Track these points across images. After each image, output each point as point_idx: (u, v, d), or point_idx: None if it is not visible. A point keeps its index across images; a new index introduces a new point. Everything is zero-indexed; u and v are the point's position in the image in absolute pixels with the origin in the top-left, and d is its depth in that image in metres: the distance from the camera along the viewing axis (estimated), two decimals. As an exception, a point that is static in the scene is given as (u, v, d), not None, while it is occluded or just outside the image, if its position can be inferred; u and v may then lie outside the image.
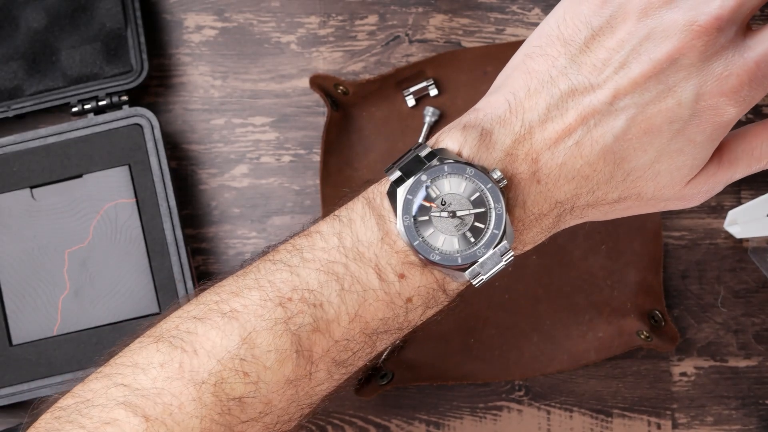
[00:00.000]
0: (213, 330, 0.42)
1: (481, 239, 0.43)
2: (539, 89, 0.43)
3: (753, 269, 0.61)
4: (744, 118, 0.61)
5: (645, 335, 0.59)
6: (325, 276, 0.43)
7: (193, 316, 0.43)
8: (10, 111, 0.60)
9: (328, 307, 0.42)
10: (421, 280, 0.43)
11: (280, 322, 0.42)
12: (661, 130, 0.42)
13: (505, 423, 0.60)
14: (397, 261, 0.43)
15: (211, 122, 0.62)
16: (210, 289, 0.44)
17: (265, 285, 0.43)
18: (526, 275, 0.60)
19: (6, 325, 0.58)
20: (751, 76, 0.42)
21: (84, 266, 0.58)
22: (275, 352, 0.42)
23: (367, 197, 0.44)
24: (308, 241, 0.44)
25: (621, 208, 0.45)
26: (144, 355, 0.42)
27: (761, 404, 0.60)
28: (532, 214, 0.44)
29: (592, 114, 0.42)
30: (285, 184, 0.62)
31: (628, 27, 0.42)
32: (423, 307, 0.44)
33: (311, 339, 0.42)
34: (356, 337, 0.43)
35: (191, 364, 0.41)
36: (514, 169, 0.43)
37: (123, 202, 0.59)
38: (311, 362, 0.42)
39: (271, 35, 0.62)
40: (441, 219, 0.43)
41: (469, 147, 0.43)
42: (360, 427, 0.60)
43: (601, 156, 0.43)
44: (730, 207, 0.61)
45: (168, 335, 0.43)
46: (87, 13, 0.60)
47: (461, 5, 0.62)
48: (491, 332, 0.60)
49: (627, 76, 0.42)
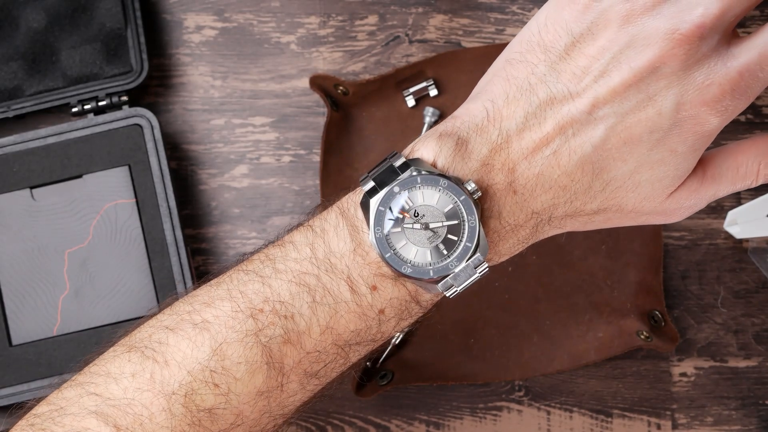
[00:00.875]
0: (184, 341, 0.42)
1: (454, 252, 0.42)
2: (518, 97, 0.42)
3: (753, 269, 0.61)
4: (744, 119, 0.61)
5: (645, 335, 0.59)
6: (296, 287, 0.42)
7: (166, 326, 0.43)
8: (10, 111, 0.60)
9: (299, 318, 0.42)
10: (394, 292, 0.43)
11: (251, 334, 0.42)
12: (641, 140, 0.42)
13: (505, 423, 0.60)
14: (369, 273, 0.42)
15: (211, 122, 0.62)
16: (183, 299, 0.44)
17: (236, 296, 0.43)
18: (526, 275, 0.60)
19: (6, 326, 0.58)
20: (733, 85, 0.41)
21: (84, 266, 0.58)
22: (246, 364, 0.42)
23: (341, 207, 0.44)
24: (281, 251, 0.43)
25: (600, 220, 0.45)
26: (116, 365, 0.42)
27: (761, 404, 0.60)
28: (508, 225, 0.43)
29: (571, 123, 0.42)
30: (285, 184, 0.62)
31: (609, 34, 0.41)
32: (396, 319, 0.44)
33: (282, 351, 0.42)
34: (328, 348, 0.43)
35: (162, 374, 0.41)
36: (490, 179, 0.42)
37: (123, 202, 0.59)
38: (282, 374, 0.42)
39: (271, 35, 0.62)
40: (414, 231, 0.42)
41: (444, 157, 0.43)
42: (360, 427, 0.60)
43: (579, 166, 0.42)
44: (730, 207, 0.61)
45: (140, 345, 0.43)
46: (87, 13, 0.60)
47: (461, 5, 0.62)
48: (491, 332, 0.60)
49: (607, 85, 0.41)
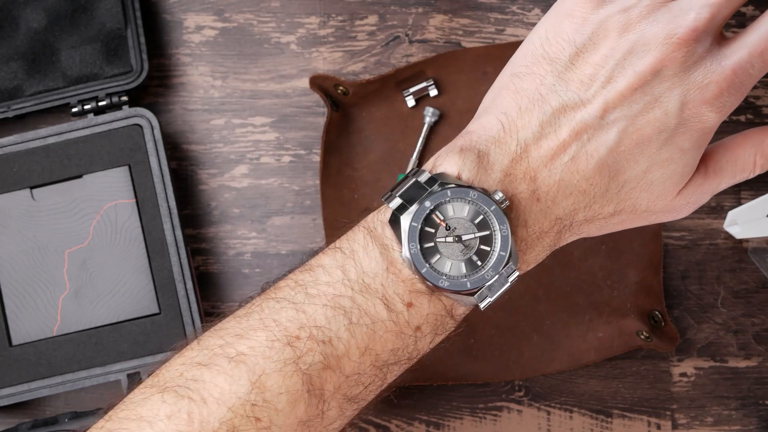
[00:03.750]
0: (220, 376, 0.41)
1: (488, 262, 0.43)
2: (530, 108, 0.44)
3: (753, 269, 0.61)
4: (744, 119, 0.61)
5: (645, 335, 0.59)
6: (332, 311, 0.42)
7: (198, 362, 0.42)
8: (10, 111, 0.60)
9: (337, 342, 0.42)
10: (430, 308, 0.43)
11: (290, 363, 0.41)
12: (651, 140, 0.43)
13: (505, 423, 0.60)
14: (404, 290, 0.42)
15: (211, 122, 0.62)
16: (211, 332, 0.43)
17: (270, 325, 0.42)
18: (526, 275, 0.60)
19: (6, 326, 0.58)
20: (729, 83, 0.43)
21: (84, 266, 0.58)
22: (286, 394, 0.41)
23: (367, 227, 0.44)
24: (311, 276, 0.43)
25: (616, 222, 0.46)
26: (149, 407, 0.41)
27: (761, 404, 0.60)
28: (534, 233, 0.44)
29: (585, 129, 0.43)
30: (285, 184, 0.62)
31: (610, 43, 0.43)
32: (432, 335, 0.44)
33: (322, 377, 0.41)
34: (367, 370, 0.42)
35: (200, 413, 0.40)
36: (514, 189, 0.43)
37: (123, 202, 0.59)
38: (323, 401, 0.42)
39: (271, 35, 0.62)
40: (447, 244, 0.43)
41: (468, 170, 0.43)
42: (360, 428, 0.60)
43: (597, 170, 0.43)
44: (730, 207, 0.61)
45: (173, 384, 0.41)
46: (87, 13, 0.60)
47: (461, 5, 0.62)
48: (491, 332, 0.60)
49: (615, 90, 0.43)
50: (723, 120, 0.44)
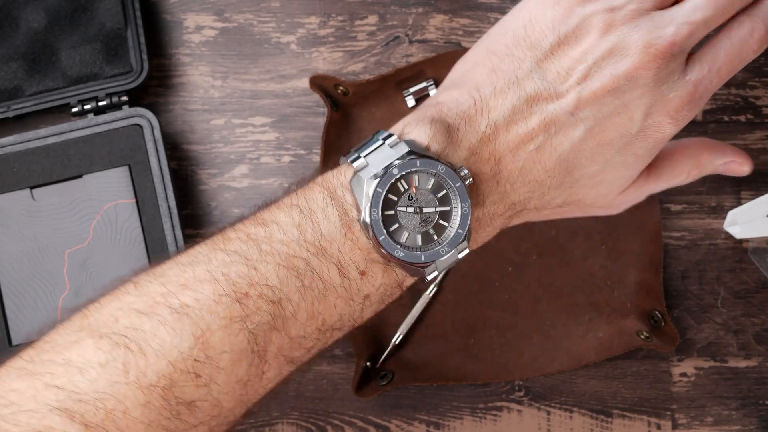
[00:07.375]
0: (162, 327, 0.39)
1: (445, 238, 0.43)
2: (505, 90, 0.44)
3: (753, 269, 0.61)
4: (744, 119, 0.61)
5: (645, 335, 0.59)
6: (285, 271, 0.41)
7: (137, 309, 0.39)
8: (10, 111, 0.60)
9: (287, 304, 0.40)
10: (383, 278, 0.43)
11: (237, 320, 0.39)
12: (612, 143, 0.44)
13: (505, 423, 0.60)
14: (360, 257, 0.42)
15: (211, 122, 0.62)
16: (150, 276, 0.41)
17: (219, 278, 0.40)
18: (526, 275, 0.60)
19: (6, 325, 0.58)
20: (690, 97, 0.44)
21: (84, 266, 0.58)
22: (230, 353, 0.39)
23: (327, 188, 0.43)
24: (264, 231, 0.42)
25: (560, 212, 0.47)
26: (79, 352, 0.39)
27: (761, 404, 0.60)
28: (488, 214, 0.44)
29: (554, 122, 0.43)
30: (285, 184, 0.62)
31: (591, 40, 0.44)
32: (378, 303, 0.44)
33: (267, 338, 0.40)
34: (312, 334, 0.42)
35: (137, 364, 0.38)
36: (477, 168, 0.43)
37: (123, 202, 0.59)
38: (265, 361, 0.41)
39: (271, 35, 0.62)
40: (407, 214, 0.43)
41: (437, 142, 0.43)
42: (360, 428, 0.60)
43: (557, 163, 0.44)
44: (730, 207, 0.61)
45: (107, 330, 0.39)
46: (87, 13, 0.60)
47: (461, 5, 0.62)
48: (491, 332, 0.60)
49: (589, 89, 0.43)
50: (679, 131, 0.45)
